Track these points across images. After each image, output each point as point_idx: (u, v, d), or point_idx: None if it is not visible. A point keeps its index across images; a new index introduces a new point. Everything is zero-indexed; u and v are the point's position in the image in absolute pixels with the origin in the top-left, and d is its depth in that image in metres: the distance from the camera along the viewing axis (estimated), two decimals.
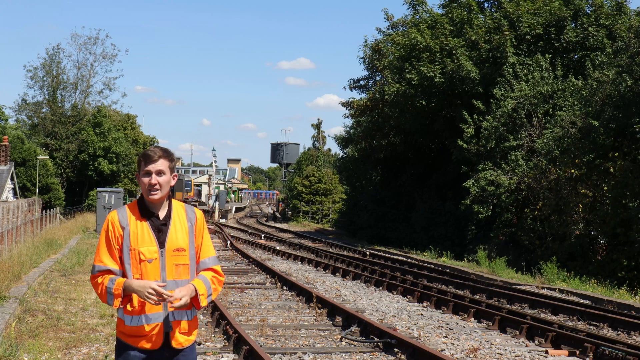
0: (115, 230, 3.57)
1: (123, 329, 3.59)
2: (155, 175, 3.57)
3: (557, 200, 22.87)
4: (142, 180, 3.58)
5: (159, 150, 3.63)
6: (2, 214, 18.27)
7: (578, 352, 9.31)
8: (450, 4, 32.23)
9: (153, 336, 3.55)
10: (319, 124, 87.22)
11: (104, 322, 10.29)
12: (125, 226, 3.57)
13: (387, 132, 36.88)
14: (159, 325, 3.55)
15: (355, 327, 10.17)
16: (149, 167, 3.57)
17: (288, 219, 62.16)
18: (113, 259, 3.57)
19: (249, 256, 22.12)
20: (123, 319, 3.58)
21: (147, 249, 3.54)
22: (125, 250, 3.55)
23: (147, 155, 3.60)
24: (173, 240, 3.60)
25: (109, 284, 3.51)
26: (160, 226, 3.60)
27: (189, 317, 3.66)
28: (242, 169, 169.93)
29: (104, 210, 32.88)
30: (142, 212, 3.61)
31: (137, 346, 3.55)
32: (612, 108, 20.92)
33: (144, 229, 3.57)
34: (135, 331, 3.55)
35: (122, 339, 3.61)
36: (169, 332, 3.58)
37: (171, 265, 3.58)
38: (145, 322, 3.54)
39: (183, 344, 3.63)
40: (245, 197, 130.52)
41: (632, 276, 19.06)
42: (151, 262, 3.54)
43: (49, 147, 53.48)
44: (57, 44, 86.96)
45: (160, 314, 3.55)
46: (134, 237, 3.55)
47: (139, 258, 3.54)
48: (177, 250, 3.60)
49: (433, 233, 30.70)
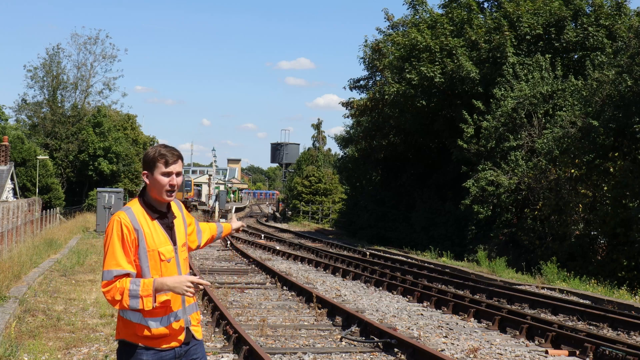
0: (130, 233, 3.44)
1: (149, 333, 3.44)
2: (175, 177, 3.54)
3: (557, 200, 22.87)
4: (160, 180, 3.49)
5: (176, 151, 3.56)
6: (2, 214, 18.27)
7: (578, 352, 9.31)
8: (450, 4, 32.24)
9: (178, 332, 3.54)
10: (319, 124, 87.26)
11: (104, 322, 10.29)
12: (138, 228, 3.47)
13: (387, 132, 36.88)
14: (183, 321, 3.56)
15: (355, 327, 10.17)
16: (170, 168, 3.51)
17: (288, 219, 62.15)
18: (129, 262, 3.45)
19: (249, 256, 22.12)
20: (145, 324, 3.43)
21: (165, 248, 3.52)
22: (142, 252, 3.46)
23: (167, 155, 3.51)
24: (180, 236, 3.63)
25: (132, 286, 3.36)
26: (170, 224, 3.60)
27: (196, 307, 3.70)
28: (242, 169, 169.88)
29: (103, 210, 32.75)
30: (151, 212, 3.57)
31: (160, 347, 3.47)
32: (612, 108, 20.93)
33: (157, 229, 3.53)
34: (163, 333, 3.48)
35: (139, 343, 3.45)
36: (189, 327, 3.59)
37: (183, 261, 3.61)
38: (174, 320, 3.51)
39: (201, 333, 3.70)
40: (245, 197, 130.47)
41: (632, 276, 19.06)
42: (170, 261, 3.52)
43: (49, 147, 53.46)
44: (57, 44, 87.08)
45: (180, 311, 3.55)
46: (150, 239, 3.48)
47: (159, 258, 3.49)
48: (183, 245, 3.64)
49: (433, 233, 30.71)
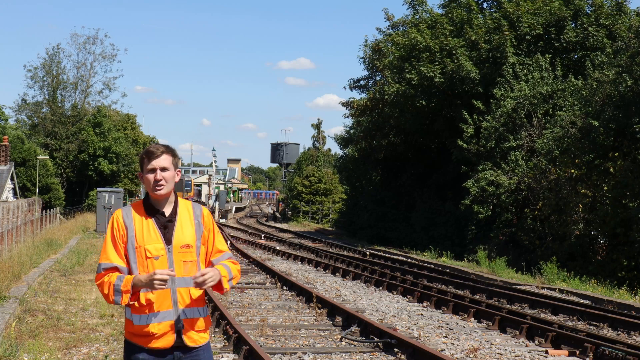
0: (120, 228, 3.55)
1: (132, 329, 3.52)
2: (160, 171, 3.56)
3: (557, 200, 22.87)
4: (147, 178, 3.56)
5: (162, 147, 3.61)
6: (2, 214, 18.27)
7: (578, 352, 9.31)
8: (450, 4, 32.24)
9: (164, 335, 3.49)
10: (319, 124, 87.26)
11: (104, 322, 10.29)
12: (129, 224, 3.55)
13: (387, 132, 36.87)
14: (170, 323, 3.50)
15: (355, 327, 10.17)
16: (153, 163, 3.55)
17: (288, 219, 62.13)
18: (119, 256, 3.53)
19: (249, 256, 22.13)
20: (131, 319, 3.52)
21: (153, 246, 3.52)
22: (131, 248, 3.53)
23: (150, 151, 3.58)
24: (180, 236, 3.57)
25: (116, 281, 3.45)
26: (166, 223, 3.58)
27: (202, 314, 3.61)
28: (242, 169, 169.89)
29: (104, 210, 32.75)
30: (147, 210, 3.60)
31: (147, 346, 3.49)
32: (612, 108, 20.93)
33: (149, 226, 3.55)
34: (144, 331, 3.48)
35: (132, 340, 3.53)
36: (181, 330, 3.52)
37: (179, 262, 3.54)
38: (155, 320, 3.48)
39: (197, 341, 3.58)
40: (245, 197, 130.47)
41: (632, 276, 19.06)
42: (158, 259, 3.51)
43: (49, 147, 53.48)
44: (57, 44, 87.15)
45: (170, 312, 3.50)
46: (139, 235, 3.53)
47: (144, 255, 3.51)
48: (184, 247, 3.57)
49: (433, 233, 30.70)
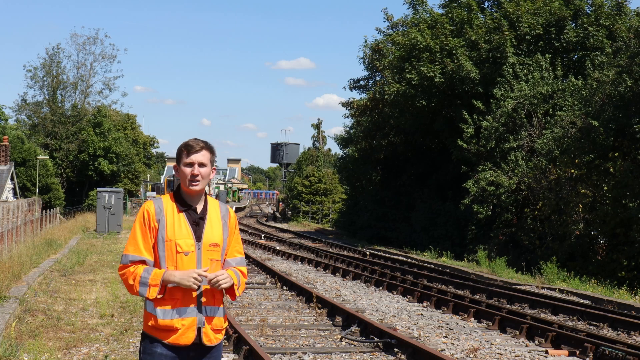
0: (152, 220, 3.53)
1: (154, 323, 3.49)
2: (197, 167, 3.54)
3: (557, 200, 22.87)
4: (183, 171, 3.55)
5: (201, 142, 3.60)
6: (2, 214, 18.27)
7: (578, 352, 9.31)
8: (450, 4, 32.24)
9: (186, 331, 3.49)
10: (319, 124, 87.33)
11: (104, 322, 10.29)
12: (161, 217, 3.53)
13: (387, 132, 36.89)
14: (193, 320, 3.50)
15: (355, 327, 10.17)
16: (192, 157, 3.54)
17: (288, 219, 62.14)
18: (148, 250, 3.52)
19: (249, 256, 22.11)
20: (154, 313, 3.48)
21: (184, 241, 3.51)
22: (161, 242, 3.51)
23: (190, 145, 3.57)
24: (209, 234, 3.57)
25: (144, 274, 3.45)
26: (198, 220, 3.57)
27: (221, 313, 3.61)
28: (242, 169, 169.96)
29: (103, 210, 32.70)
30: (180, 204, 3.58)
31: (166, 341, 3.48)
32: (612, 108, 20.94)
33: (181, 221, 3.54)
34: (168, 325, 3.47)
35: (152, 334, 3.51)
36: (201, 328, 3.52)
37: (207, 260, 3.54)
38: (179, 316, 3.47)
39: (213, 340, 3.58)
40: (245, 197, 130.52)
41: (632, 276, 19.06)
42: (187, 254, 3.50)
43: (49, 147, 53.50)
44: (57, 44, 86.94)
45: (193, 309, 3.50)
46: (170, 229, 3.51)
47: (175, 250, 3.49)
48: (212, 245, 3.57)
49: (433, 233, 30.70)
